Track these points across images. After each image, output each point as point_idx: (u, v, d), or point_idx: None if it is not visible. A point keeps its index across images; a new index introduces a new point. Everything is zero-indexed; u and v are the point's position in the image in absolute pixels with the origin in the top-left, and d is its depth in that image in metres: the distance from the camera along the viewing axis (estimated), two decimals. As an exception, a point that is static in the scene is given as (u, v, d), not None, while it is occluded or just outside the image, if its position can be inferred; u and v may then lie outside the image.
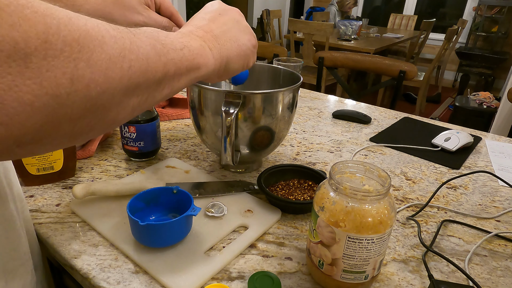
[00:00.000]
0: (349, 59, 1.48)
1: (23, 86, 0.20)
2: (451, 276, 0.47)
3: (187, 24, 0.40)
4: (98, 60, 0.23)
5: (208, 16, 0.41)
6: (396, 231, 0.56)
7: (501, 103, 2.34)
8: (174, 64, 0.31)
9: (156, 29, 0.32)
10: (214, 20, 0.41)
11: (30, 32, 0.20)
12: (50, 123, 0.22)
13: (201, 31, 0.38)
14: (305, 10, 5.60)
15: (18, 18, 0.19)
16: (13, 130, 0.20)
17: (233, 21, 0.42)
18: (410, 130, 0.96)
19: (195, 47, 0.35)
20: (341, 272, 0.41)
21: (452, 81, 4.86)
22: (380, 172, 0.42)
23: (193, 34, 0.37)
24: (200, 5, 4.23)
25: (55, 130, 0.23)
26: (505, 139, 0.93)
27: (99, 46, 0.24)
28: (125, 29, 0.27)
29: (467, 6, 4.77)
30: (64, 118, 0.23)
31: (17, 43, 0.19)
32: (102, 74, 0.24)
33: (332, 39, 3.20)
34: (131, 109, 0.29)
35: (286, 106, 0.61)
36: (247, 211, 0.56)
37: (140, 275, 0.44)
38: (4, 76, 0.19)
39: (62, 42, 0.21)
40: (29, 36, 0.20)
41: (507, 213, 0.62)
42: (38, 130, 0.22)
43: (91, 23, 0.24)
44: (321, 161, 0.76)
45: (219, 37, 0.39)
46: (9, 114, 0.20)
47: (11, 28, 0.19)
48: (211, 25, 0.40)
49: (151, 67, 0.28)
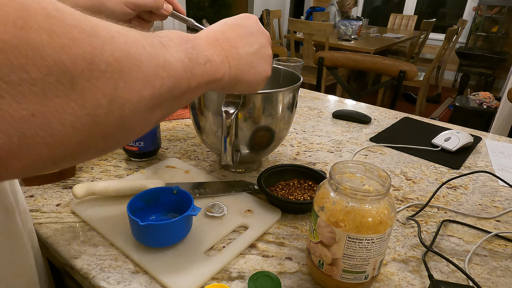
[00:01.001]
0: (349, 59, 1.48)
1: (67, 108, 0.20)
2: (451, 276, 0.47)
3: (216, 28, 0.39)
4: (135, 80, 0.24)
5: (240, 31, 0.40)
6: (396, 231, 0.56)
7: (501, 103, 2.34)
8: (196, 79, 0.31)
9: (182, 36, 0.31)
10: (243, 38, 0.40)
11: (78, 54, 0.20)
12: (86, 141, 0.22)
13: (227, 45, 0.37)
14: (305, 10, 5.60)
15: (68, 40, 0.19)
16: (54, 150, 0.21)
17: (259, 46, 0.42)
18: (410, 130, 0.96)
19: (217, 62, 0.34)
20: (341, 272, 0.41)
21: (452, 81, 4.86)
22: (380, 172, 0.42)
23: (219, 46, 0.36)
24: (200, 5, 4.24)
25: (89, 147, 0.23)
26: (505, 139, 0.93)
27: (137, 65, 0.24)
28: (158, 43, 0.27)
29: (467, 6, 4.77)
30: (99, 136, 0.23)
31: (66, 66, 0.19)
32: (136, 94, 0.24)
33: (332, 39, 3.20)
34: (154, 123, 0.29)
35: (286, 106, 0.61)
36: (247, 211, 0.56)
37: (140, 275, 0.44)
38: (52, 99, 0.19)
39: (105, 63, 0.21)
40: (77, 58, 0.19)
41: (507, 213, 0.62)
42: (75, 148, 0.22)
43: (130, 40, 0.24)
44: (321, 161, 0.76)
45: (241, 58, 0.39)
46: (53, 135, 0.20)
47: (61, 51, 0.19)
48: (239, 42, 0.39)
49: (177, 83, 0.28)
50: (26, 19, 0.17)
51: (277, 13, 4.19)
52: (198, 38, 0.34)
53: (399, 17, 4.82)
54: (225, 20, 0.42)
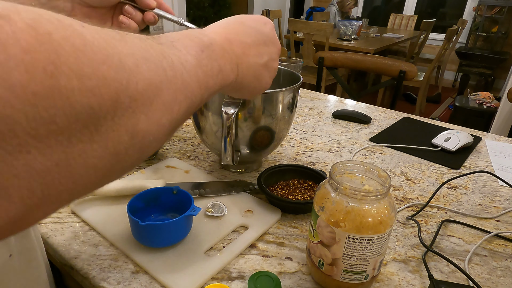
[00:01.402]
0: (349, 59, 1.48)
1: (90, 151, 0.19)
2: (451, 276, 0.47)
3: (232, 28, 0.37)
4: (156, 110, 0.22)
5: (255, 37, 0.38)
6: (396, 231, 0.56)
7: (501, 103, 2.34)
8: (208, 91, 0.30)
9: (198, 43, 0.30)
10: (257, 46, 0.38)
11: (105, 95, 0.18)
12: (106, 177, 0.22)
13: (240, 50, 0.36)
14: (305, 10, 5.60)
15: (97, 80, 0.18)
16: (75, 194, 0.20)
17: (269, 58, 0.40)
18: (410, 130, 0.96)
19: (228, 71, 0.33)
20: (341, 272, 0.41)
21: (452, 81, 4.86)
22: (380, 172, 0.42)
23: (232, 51, 0.35)
24: (200, 5, 4.24)
25: (108, 181, 0.23)
26: (505, 139, 0.93)
27: (158, 94, 0.23)
28: (177, 61, 0.26)
29: (467, 6, 4.77)
30: (119, 170, 0.22)
31: (94, 110, 0.18)
32: (156, 123, 0.23)
33: (332, 39, 3.20)
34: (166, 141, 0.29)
35: (286, 106, 0.61)
36: (247, 211, 0.56)
37: (140, 275, 0.44)
38: (75, 145, 0.18)
39: (129, 97, 0.20)
40: (104, 99, 0.18)
41: (507, 213, 0.62)
42: (94, 186, 0.21)
43: (153, 64, 0.22)
44: (321, 161, 0.76)
45: (249, 67, 0.37)
46: (75, 181, 0.19)
47: (90, 94, 0.17)
48: (252, 49, 0.38)
49: (192, 102, 0.27)
50: (57, 64, 0.16)
51: (277, 13, 4.19)
52: (215, 44, 0.32)
53: (399, 17, 4.82)
54: (242, 18, 0.40)
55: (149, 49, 0.23)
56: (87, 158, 0.19)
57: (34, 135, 0.16)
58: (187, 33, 0.30)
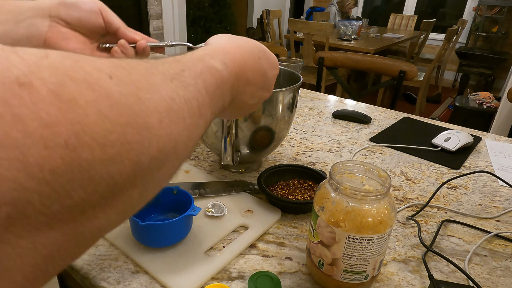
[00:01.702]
0: (349, 59, 1.48)
1: (104, 219, 0.17)
2: (451, 276, 0.47)
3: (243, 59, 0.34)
4: (169, 164, 0.21)
5: (259, 79, 0.36)
6: (396, 231, 0.56)
7: (501, 103, 2.34)
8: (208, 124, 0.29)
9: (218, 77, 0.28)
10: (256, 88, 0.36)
11: (126, 160, 0.16)
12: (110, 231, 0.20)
13: (242, 86, 0.34)
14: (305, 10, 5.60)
15: (120, 146, 0.16)
16: (77, 257, 0.18)
17: (259, 100, 0.39)
18: (410, 130, 0.96)
19: (227, 102, 0.31)
20: (341, 272, 0.41)
21: (452, 81, 4.86)
22: (380, 172, 0.42)
23: (236, 89, 0.32)
24: (200, 5, 4.24)
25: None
26: (505, 139, 0.93)
27: (174, 148, 0.20)
28: (196, 106, 0.23)
29: (467, 6, 4.77)
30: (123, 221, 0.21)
31: (113, 179, 0.16)
32: (168, 176, 0.22)
33: (332, 39, 3.20)
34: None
35: (286, 106, 0.61)
36: (247, 211, 0.56)
37: (140, 275, 0.44)
38: (90, 217, 0.16)
39: (149, 158, 0.18)
40: (125, 166, 0.16)
41: (507, 213, 0.62)
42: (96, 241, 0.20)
43: (174, 116, 0.20)
44: (321, 161, 0.76)
45: (240, 103, 0.35)
46: (82, 251, 0.18)
47: (111, 162, 0.15)
48: (250, 90, 0.35)
49: (197, 141, 0.26)
50: (79, 135, 0.14)
51: (277, 13, 4.19)
52: (228, 81, 0.30)
53: (399, 17, 4.82)
54: (260, 53, 0.37)
55: (175, 96, 0.21)
56: (100, 227, 0.17)
57: (46, 213, 0.14)
58: (208, 64, 0.27)
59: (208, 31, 4.30)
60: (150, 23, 3.58)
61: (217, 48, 0.32)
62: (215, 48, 0.32)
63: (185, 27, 3.95)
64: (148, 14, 3.54)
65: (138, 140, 0.17)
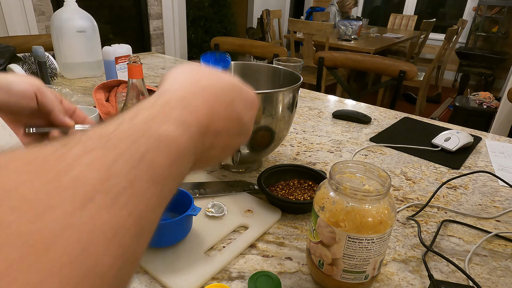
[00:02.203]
0: (349, 59, 1.48)
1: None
2: (451, 276, 0.47)
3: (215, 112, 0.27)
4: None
5: (234, 124, 0.29)
6: (396, 231, 0.56)
7: (501, 103, 2.34)
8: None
9: (161, 147, 0.20)
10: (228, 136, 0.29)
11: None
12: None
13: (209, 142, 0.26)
14: (305, 10, 5.60)
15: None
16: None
17: (233, 148, 0.31)
18: (410, 130, 0.96)
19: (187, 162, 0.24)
20: (341, 272, 0.41)
21: (452, 81, 4.86)
22: (380, 172, 0.42)
23: (202, 145, 0.26)
24: (200, 5, 4.23)
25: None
26: (505, 139, 0.93)
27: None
28: (141, 216, 0.18)
29: (467, 6, 4.77)
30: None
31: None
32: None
33: (332, 39, 3.20)
34: None
35: (286, 106, 0.61)
36: (247, 211, 0.56)
37: (140, 275, 0.44)
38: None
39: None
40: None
41: (507, 213, 0.62)
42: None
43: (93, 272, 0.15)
44: (321, 161, 0.76)
45: (207, 158, 0.28)
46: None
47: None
48: (221, 141, 0.28)
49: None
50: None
51: (277, 13, 4.19)
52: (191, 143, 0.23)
53: (399, 17, 4.82)
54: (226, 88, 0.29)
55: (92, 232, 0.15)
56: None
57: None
58: (157, 134, 0.21)
59: (208, 31, 4.30)
60: (150, 23, 3.59)
61: (173, 99, 0.24)
62: (169, 99, 0.24)
63: (185, 27, 3.95)
64: (148, 14, 3.54)
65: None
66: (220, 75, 0.31)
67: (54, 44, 1.21)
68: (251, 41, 1.78)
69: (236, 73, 0.76)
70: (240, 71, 0.76)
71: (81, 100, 1.04)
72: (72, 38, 1.19)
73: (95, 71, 1.29)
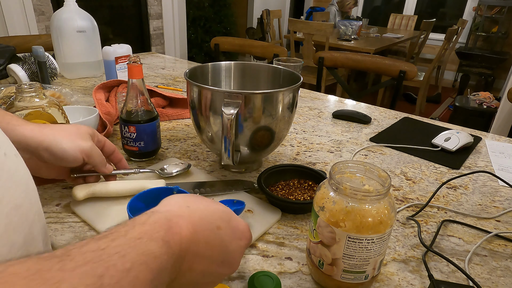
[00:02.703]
0: (349, 59, 1.48)
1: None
2: (451, 276, 0.47)
3: (201, 239, 0.29)
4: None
5: (217, 252, 0.30)
6: (396, 231, 0.56)
7: (501, 103, 2.34)
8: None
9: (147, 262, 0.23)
10: (210, 264, 0.30)
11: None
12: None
13: (187, 265, 0.28)
14: (305, 10, 5.60)
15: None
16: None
17: (215, 279, 0.32)
18: (410, 130, 0.96)
19: (165, 277, 0.25)
20: (341, 272, 0.41)
21: (452, 81, 4.86)
22: (380, 172, 0.42)
23: (185, 265, 0.27)
24: (200, 5, 4.23)
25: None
26: (505, 139, 0.93)
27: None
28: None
29: (467, 6, 4.77)
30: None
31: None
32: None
33: (332, 39, 3.20)
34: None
35: (286, 106, 0.61)
36: (247, 211, 0.56)
37: (140, 275, 0.44)
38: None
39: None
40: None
41: (507, 213, 0.62)
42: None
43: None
44: (321, 161, 0.76)
45: (194, 268, 0.29)
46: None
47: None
48: (201, 267, 0.29)
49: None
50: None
51: (277, 13, 4.20)
52: (170, 260, 0.25)
53: (399, 17, 4.82)
54: (215, 215, 0.32)
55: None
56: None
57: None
58: (145, 250, 0.23)
59: (208, 31, 4.30)
60: (150, 23, 3.59)
61: (161, 219, 0.27)
62: (159, 218, 0.27)
63: (185, 27, 3.95)
64: (148, 14, 3.54)
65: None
66: (212, 203, 0.33)
67: (54, 44, 1.21)
68: (251, 41, 1.78)
69: (236, 73, 0.76)
70: (240, 71, 0.76)
71: (81, 100, 1.04)
72: (72, 38, 1.19)
73: (95, 71, 1.29)
